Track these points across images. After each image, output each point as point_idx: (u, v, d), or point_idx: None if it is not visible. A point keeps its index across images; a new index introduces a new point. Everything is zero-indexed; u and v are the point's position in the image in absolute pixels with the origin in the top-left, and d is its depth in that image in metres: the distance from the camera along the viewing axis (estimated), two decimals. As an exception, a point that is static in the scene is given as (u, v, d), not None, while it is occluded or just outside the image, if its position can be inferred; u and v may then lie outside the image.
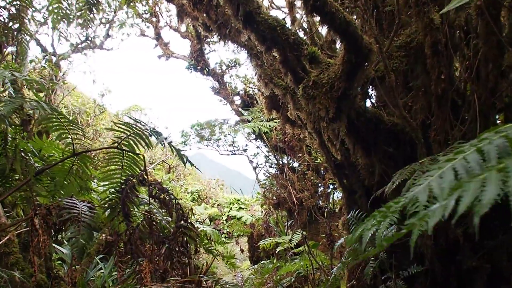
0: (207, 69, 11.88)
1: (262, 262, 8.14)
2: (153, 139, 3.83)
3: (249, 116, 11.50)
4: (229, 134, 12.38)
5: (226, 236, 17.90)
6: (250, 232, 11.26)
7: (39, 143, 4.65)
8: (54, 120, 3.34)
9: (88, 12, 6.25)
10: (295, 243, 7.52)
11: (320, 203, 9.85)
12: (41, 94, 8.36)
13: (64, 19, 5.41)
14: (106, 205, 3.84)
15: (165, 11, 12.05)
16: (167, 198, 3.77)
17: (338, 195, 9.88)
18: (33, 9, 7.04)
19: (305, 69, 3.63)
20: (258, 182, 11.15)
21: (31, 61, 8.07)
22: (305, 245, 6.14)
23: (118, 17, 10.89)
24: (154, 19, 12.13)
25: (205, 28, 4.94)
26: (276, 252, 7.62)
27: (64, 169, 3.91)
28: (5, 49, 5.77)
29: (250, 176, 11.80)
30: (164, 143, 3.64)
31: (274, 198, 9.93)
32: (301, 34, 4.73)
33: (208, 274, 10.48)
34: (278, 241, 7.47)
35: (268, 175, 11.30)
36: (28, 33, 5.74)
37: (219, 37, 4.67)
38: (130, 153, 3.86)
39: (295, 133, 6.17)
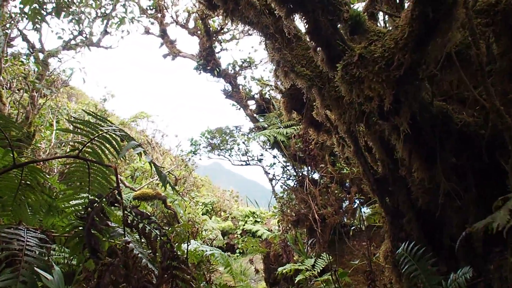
0: (218, 69, 10.79)
1: (280, 293, 6.99)
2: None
3: (265, 122, 10.49)
4: (242, 142, 11.33)
5: (241, 251, 16.89)
6: (266, 251, 10.11)
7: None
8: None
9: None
10: (319, 270, 6.37)
11: (345, 220, 8.70)
12: (25, 95, 7.40)
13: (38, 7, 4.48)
14: (69, 234, 2.89)
15: (171, 5, 11.00)
16: (148, 228, 2.70)
17: (365, 211, 8.74)
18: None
19: (344, 42, 2.51)
20: (274, 196, 10.03)
21: (15, 57, 7.09)
22: (332, 274, 5.01)
23: (116, 12, 9.90)
24: (159, 14, 11.11)
25: (209, 4, 3.86)
26: (296, 281, 6.45)
27: (11, 185, 2.89)
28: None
29: (268, 186, 10.76)
30: (140, 153, 2.60)
31: (293, 214, 8.79)
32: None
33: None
34: (299, 268, 6.31)
35: (286, 187, 10.20)
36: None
37: (225, 14, 3.60)
38: (96, 165, 2.81)
39: (321, 139, 5.04)
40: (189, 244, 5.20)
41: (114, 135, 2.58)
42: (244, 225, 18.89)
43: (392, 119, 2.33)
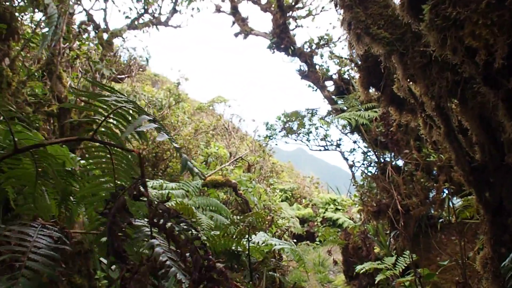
0: (292, 48, 10.13)
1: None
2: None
3: (344, 104, 9.76)
4: (320, 126, 10.65)
5: (321, 240, 16.30)
6: (345, 243, 9.45)
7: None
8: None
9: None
10: (401, 268, 5.64)
11: (432, 212, 7.78)
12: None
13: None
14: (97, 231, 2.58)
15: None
16: (176, 229, 2.16)
17: (455, 202, 7.77)
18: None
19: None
20: (354, 184, 9.30)
21: (81, 40, 6.97)
22: (417, 280, 4.28)
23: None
24: (230, -10, 10.64)
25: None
26: (376, 282, 5.76)
27: (28, 173, 2.54)
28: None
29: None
30: (161, 133, 2.07)
31: (374, 204, 8.02)
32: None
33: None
34: (378, 267, 5.62)
35: (366, 175, 9.43)
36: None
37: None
38: (117, 149, 2.34)
39: (404, 120, 4.29)
40: (250, 239, 4.67)
41: (130, 111, 2.08)
42: (324, 212, 18.35)
43: (506, 82, 1.60)
